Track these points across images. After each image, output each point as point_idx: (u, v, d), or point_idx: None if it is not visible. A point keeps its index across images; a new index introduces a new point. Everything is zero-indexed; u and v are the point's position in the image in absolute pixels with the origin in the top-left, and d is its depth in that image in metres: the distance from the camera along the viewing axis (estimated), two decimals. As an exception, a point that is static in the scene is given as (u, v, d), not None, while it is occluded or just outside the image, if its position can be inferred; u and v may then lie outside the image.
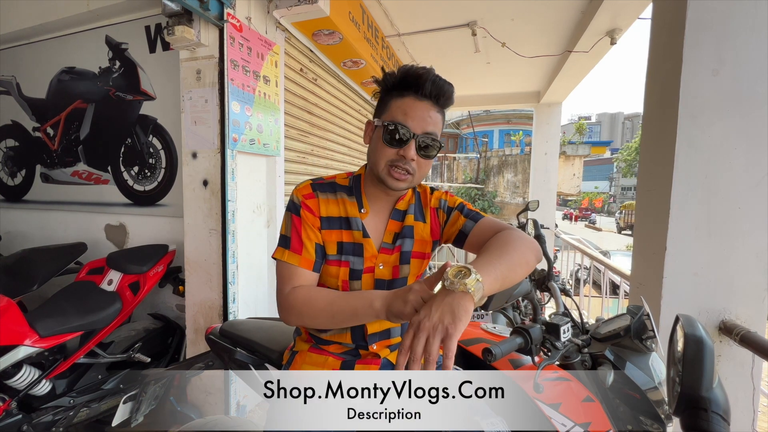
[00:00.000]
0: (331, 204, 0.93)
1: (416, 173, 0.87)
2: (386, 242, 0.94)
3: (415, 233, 0.96)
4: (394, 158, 0.86)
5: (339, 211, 0.93)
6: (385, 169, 0.87)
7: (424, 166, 0.88)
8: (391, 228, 0.95)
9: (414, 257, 0.95)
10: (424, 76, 0.84)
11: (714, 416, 0.58)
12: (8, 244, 2.71)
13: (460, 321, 0.62)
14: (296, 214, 0.91)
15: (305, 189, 0.92)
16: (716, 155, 1.25)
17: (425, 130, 0.85)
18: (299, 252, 0.89)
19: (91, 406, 1.74)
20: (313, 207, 0.91)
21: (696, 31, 1.24)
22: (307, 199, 0.91)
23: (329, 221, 0.92)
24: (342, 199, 0.94)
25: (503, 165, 12.37)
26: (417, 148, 0.85)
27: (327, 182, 0.95)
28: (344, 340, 0.96)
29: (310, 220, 0.90)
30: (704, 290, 1.29)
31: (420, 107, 0.85)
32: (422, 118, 0.84)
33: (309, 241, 0.89)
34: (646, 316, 0.91)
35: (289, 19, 2.27)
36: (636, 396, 0.89)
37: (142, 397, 1.36)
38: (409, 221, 0.96)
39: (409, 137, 0.84)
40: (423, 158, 0.87)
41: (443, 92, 0.86)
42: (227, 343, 1.22)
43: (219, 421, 1.23)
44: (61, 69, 2.48)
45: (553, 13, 2.98)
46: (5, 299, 1.56)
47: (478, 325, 1.15)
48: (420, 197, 1.00)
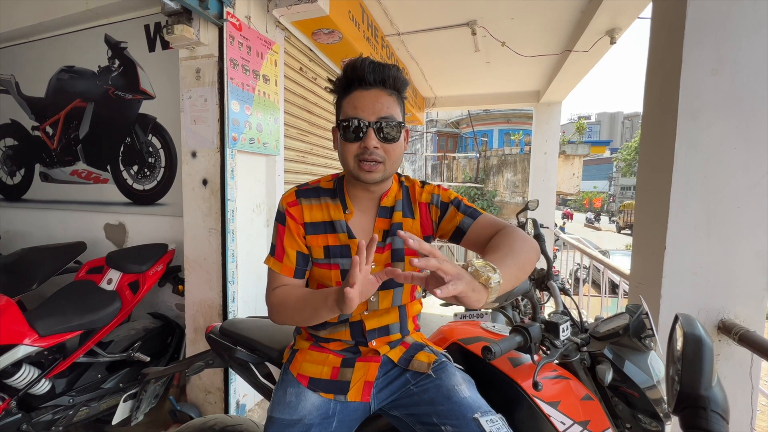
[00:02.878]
0: (315, 209, 0.93)
1: (386, 160, 0.87)
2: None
3: (405, 230, 0.94)
4: (359, 152, 0.86)
5: (323, 215, 0.93)
6: (354, 165, 0.87)
7: (392, 152, 0.87)
8: (380, 226, 0.94)
9: (408, 254, 0.94)
10: (360, 65, 0.85)
11: (713, 415, 0.58)
12: (7, 243, 2.71)
13: (471, 290, 0.63)
14: (280, 222, 0.93)
15: (290, 197, 0.94)
16: (716, 155, 1.25)
17: (379, 115, 0.84)
18: (281, 260, 0.92)
19: (90, 405, 1.74)
20: (296, 214, 0.92)
21: (696, 30, 1.24)
22: (290, 207, 0.93)
23: (314, 226, 0.93)
24: (326, 204, 0.94)
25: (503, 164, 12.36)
26: (377, 135, 0.85)
27: (311, 187, 0.96)
28: (344, 336, 0.96)
29: (293, 228, 0.92)
30: (703, 289, 1.29)
31: (368, 96, 0.85)
32: (372, 105, 0.84)
33: (291, 249, 0.92)
34: (645, 315, 0.91)
35: (289, 18, 2.26)
36: (635, 394, 0.89)
37: (142, 396, 1.37)
38: (398, 218, 0.94)
39: (365, 127, 0.84)
40: (387, 143, 0.86)
41: (387, 74, 0.85)
42: (227, 341, 1.22)
43: (219, 420, 1.24)
44: (61, 68, 2.48)
45: (553, 12, 2.97)
46: (5, 298, 1.55)
47: (478, 324, 1.15)
48: (408, 192, 0.98)
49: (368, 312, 0.95)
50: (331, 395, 0.92)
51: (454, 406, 0.84)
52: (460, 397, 0.86)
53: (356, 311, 0.94)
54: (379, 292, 0.93)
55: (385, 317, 0.97)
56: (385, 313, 0.97)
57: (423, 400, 0.89)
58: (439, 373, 0.93)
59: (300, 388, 0.94)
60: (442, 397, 0.87)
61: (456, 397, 0.86)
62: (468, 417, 0.81)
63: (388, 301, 0.95)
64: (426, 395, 0.89)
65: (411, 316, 1.03)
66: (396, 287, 0.94)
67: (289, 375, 0.98)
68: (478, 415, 0.82)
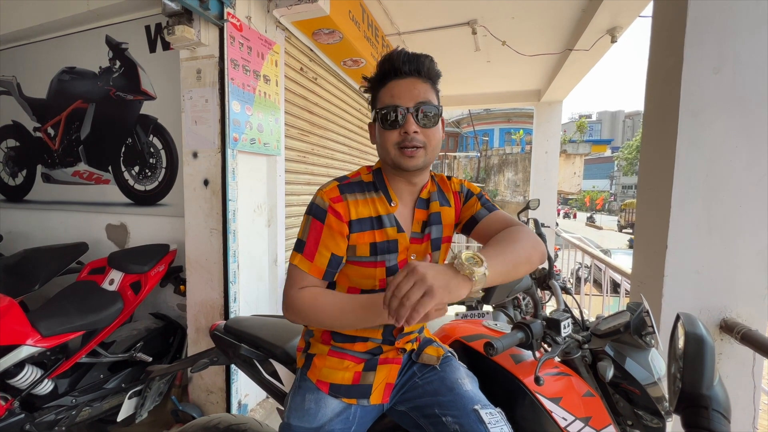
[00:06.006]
0: (360, 205, 0.88)
1: (427, 145, 0.86)
2: (415, 232, 0.93)
3: (443, 218, 0.96)
4: (399, 139, 0.85)
5: (370, 211, 0.89)
6: (395, 153, 0.86)
7: (431, 136, 0.86)
8: (419, 217, 0.94)
9: (443, 242, 0.96)
10: (396, 56, 0.86)
11: (714, 414, 0.58)
12: (10, 244, 2.72)
13: (447, 292, 0.64)
14: (319, 219, 0.85)
15: (332, 191, 0.87)
16: (717, 153, 1.25)
17: (417, 100, 0.85)
18: (311, 259, 0.85)
19: (93, 405, 1.75)
20: (341, 212, 0.85)
21: (697, 29, 1.23)
22: (335, 203, 0.85)
23: (360, 223, 0.87)
24: (371, 198, 0.90)
25: (504, 163, 12.36)
26: (416, 120, 0.84)
27: (354, 182, 0.91)
28: (374, 335, 0.93)
29: (336, 226, 0.85)
30: (705, 288, 1.29)
31: (404, 84, 0.86)
32: (409, 91, 0.85)
33: (326, 249, 0.85)
34: (646, 312, 0.91)
35: (289, 18, 2.27)
36: (636, 391, 0.89)
37: (147, 393, 1.37)
38: (435, 208, 0.95)
39: (405, 113, 0.84)
40: (426, 128, 0.85)
41: (421, 63, 0.87)
42: (232, 338, 1.23)
43: (223, 419, 1.24)
44: (62, 69, 2.48)
45: (554, 11, 2.97)
46: (7, 299, 1.56)
47: (480, 323, 1.16)
48: (440, 184, 1.00)
49: None
50: (354, 400, 0.91)
51: (456, 398, 0.86)
52: (463, 390, 0.87)
53: None
54: None
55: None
56: None
57: (427, 391, 0.90)
58: (444, 367, 0.94)
59: (320, 395, 0.91)
60: (446, 389, 0.88)
61: (459, 390, 0.88)
62: (468, 408, 0.83)
63: None
64: (430, 387, 0.91)
65: None
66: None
67: (307, 381, 0.94)
68: (478, 407, 0.83)
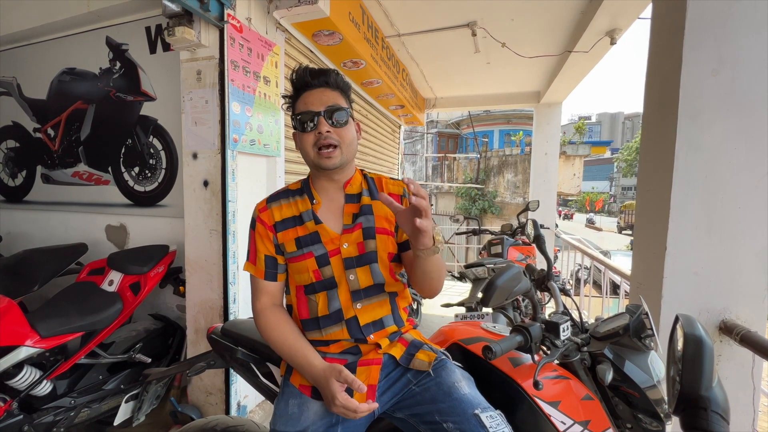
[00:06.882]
0: (284, 208, 1.02)
1: (341, 144, 0.97)
2: (347, 224, 1.00)
3: (375, 211, 1.01)
4: (315, 139, 0.96)
5: (293, 211, 1.02)
6: (314, 154, 0.97)
7: (344, 134, 0.97)
8: (349, 210, 1.02)
9: (379, 233, 0.99)
10: (303, 72, 0.99)
11: (714, 415, 0.58)
12: (9, 244, 2.71)
13: (431, 231, 0.83)
14: (252, 228, 1.03)
15: (260, 204, 1.04)
16: (716, 155, 1.25)
17: (326, 105, 0.96)
18: (254, 263, 1.02)
19: (92, 406, 1.74)
20: (265, 218, 1.01)
21: (696, 30, 1.24)
22: (260, 212, 1.02)
23: (284, 223, 1.00)
24: (294, 201, 1.03)
25: (503, 165, 12.36)
26: (327, 121, 0.95)
27: (281, 191, 1.07)
28: (342, 336, 0.97)
29: (262, 232, 1.01)
30: (704, 290, 1.29)
31: (315, 93, 0.97)
32: (318, 98, 0.97)
33: (260, 252, 1.01)
34: (645, 315, 0.91)
35: (289, 19, 2.27)
36: (635, 394, 0.89)
37: (144, 397, 1.37)
38: (366, 201, 1.02)
39: (315, 116, 0.95)
40: (338, 127, 0.96)
41: (328, 76, 0.99)
42: (229, 342, 1.22)
43: (221, 421, 1.24)
44: (62, 70, 2.48)
45: (553, 13, 2.98)
46: (6, 300, 1.56)
47: (478, 325, 1.15)
48: (374, 182, 1.07)
49: (355, 298, 0.97)
50: None
51: (455, 403, 0.85)
52: (461, 394, 0.87)
53: (347, 306, 0.97)
54: (357, 270, 0.97)
55: (378, 310, 0.99)
56: (378, 306, 0.99)
57: (425, 399, 0.90)
58: (438, 371, 0.94)
59: (302, 398, 0.94)
60: (443, 394, 0.88)
61: (456, 394, 0.87)
62: (468, 413, 0.82)
63: (368, 278, 0.97)
64: (427, 394, 0.90)
65: (401, 308, 1.05)
66: (372, 262, 0.98)
67: (290, 387, 0.98)
68: (479, 411, 0.83)
